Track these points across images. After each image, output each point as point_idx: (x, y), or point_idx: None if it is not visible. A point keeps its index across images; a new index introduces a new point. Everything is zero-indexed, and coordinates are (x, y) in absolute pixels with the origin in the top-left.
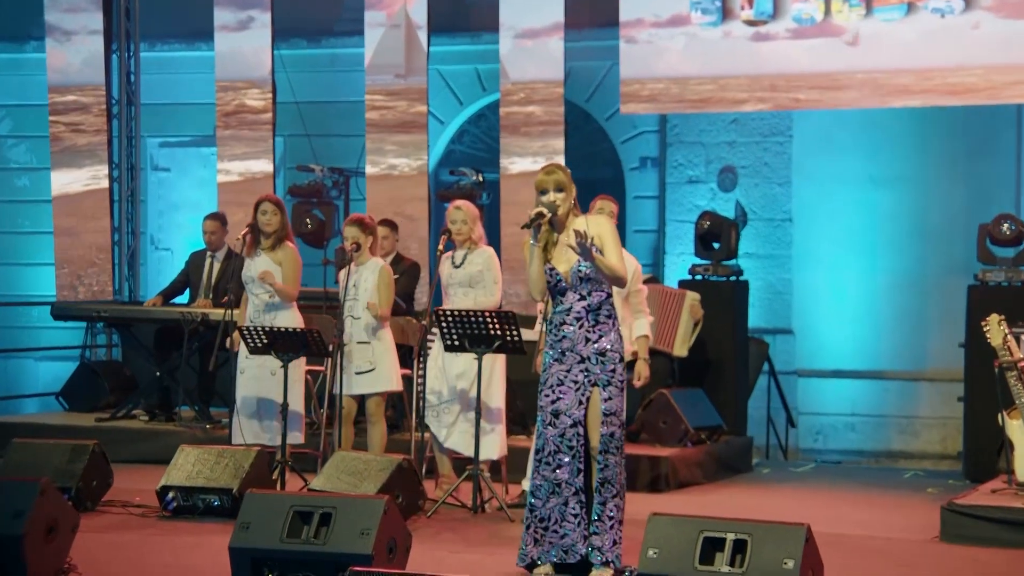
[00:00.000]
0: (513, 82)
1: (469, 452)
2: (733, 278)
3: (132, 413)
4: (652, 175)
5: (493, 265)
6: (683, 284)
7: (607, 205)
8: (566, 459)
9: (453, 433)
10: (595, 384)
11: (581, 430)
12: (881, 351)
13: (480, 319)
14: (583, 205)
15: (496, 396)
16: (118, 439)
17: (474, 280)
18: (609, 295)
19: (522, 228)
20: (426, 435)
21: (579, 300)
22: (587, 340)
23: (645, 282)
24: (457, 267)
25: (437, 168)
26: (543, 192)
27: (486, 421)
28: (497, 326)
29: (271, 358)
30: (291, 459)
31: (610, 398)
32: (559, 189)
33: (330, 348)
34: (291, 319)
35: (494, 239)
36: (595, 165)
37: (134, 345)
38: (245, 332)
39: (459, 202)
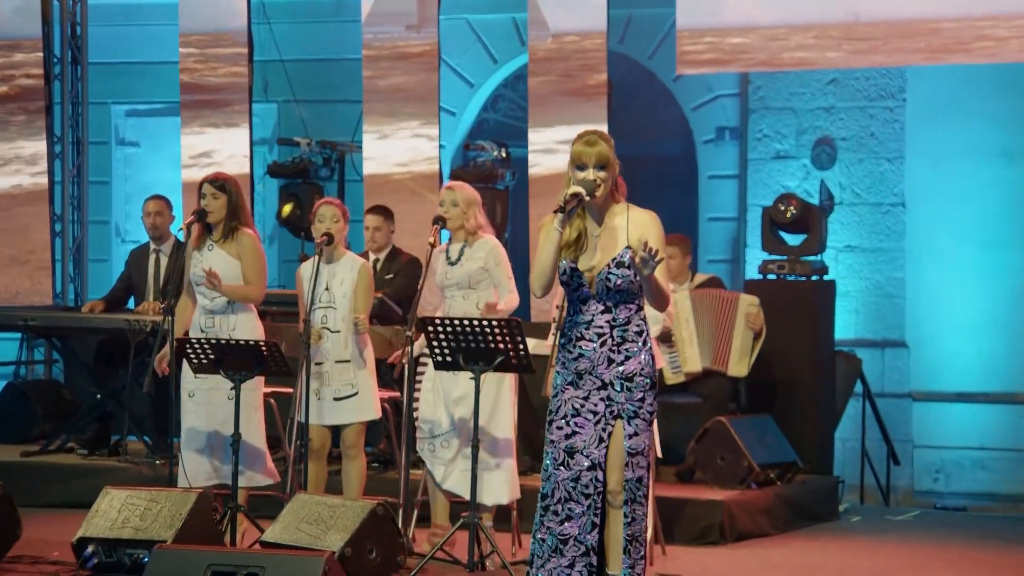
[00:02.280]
0: (554, 34)
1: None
2: (815, 277)
3: (67, 445)
4: (731, 149)
5: (500, 258)
6: (750, 286)
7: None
8: (578, 509)
9: (453, 472)
10: (618, 416)
11: (600, 474)
12: (1018, 369)
13: (477, 329)
14: (641, 188)
15: (503, 424)
16: (48, 477)
17: (475, 279)
18: (641, 307)
19: (555, 212)
20: (419, 473)
21: (603, 312)
22: (610, 361)
23: (703, 284)
24: (453, 264)
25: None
26: (580, 167)
27: (490, 456)
28: (499, 337)
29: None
30: (246, 504)
31: (636, 434)
32: (601, 166)
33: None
34: (251, 328)
35: (522, 229)
36: (660, 137)
37: (74, 361)
38: (187, 345)
39: (452, 182)
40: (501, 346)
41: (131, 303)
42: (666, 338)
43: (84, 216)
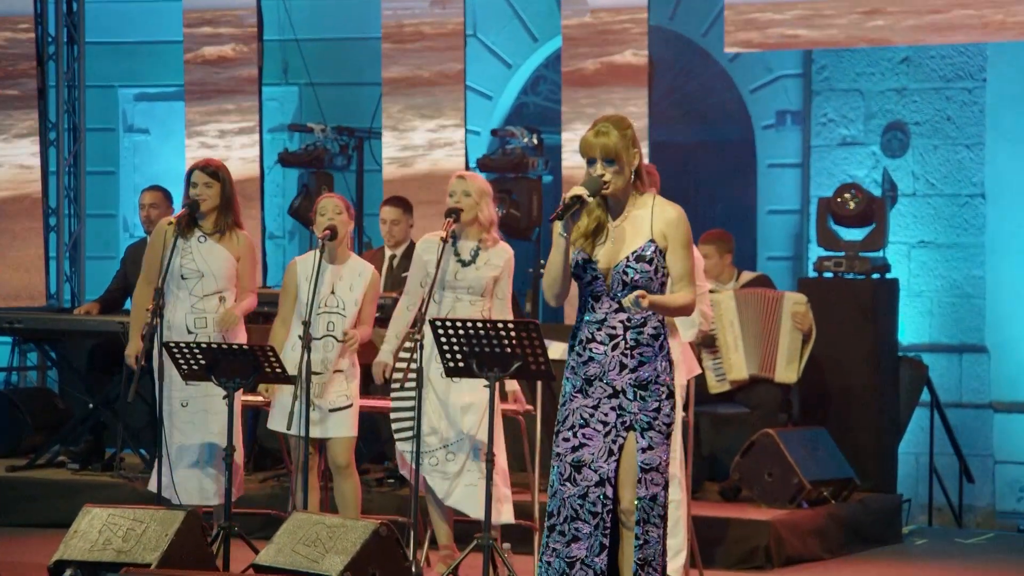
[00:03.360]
0: (591, 9)
1: (480, 514)
2: (877, 275)
3: (57, 459)
4: (793, 135)
5: (511, 272)
6: (803, 285)
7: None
8: (586, 529)
9: (457, 487)
10: (631, 427)
11: (610, 491)
12: None
13: (492, 332)
14: (694, 178)
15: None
16: (34, 494)
17: (488, 288)
18: None
19: (551, 220)
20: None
21: (617, 311)
22: (622, 366)
23: (750, 283)
24: (465, 264)
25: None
26: (589, 161)
27: (497, 471)
28: (515, 341)
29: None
30: (237, 524)
31: (651, 447)
32: (609, 159)
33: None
34: (239, 330)
35: None
36: (715, 122)
37: (66, 367)
38: (175, 349)
39: (462, 171)
40: (518, 351)
41: (128, 304)
42: (709, 343)
43: (81, 209)
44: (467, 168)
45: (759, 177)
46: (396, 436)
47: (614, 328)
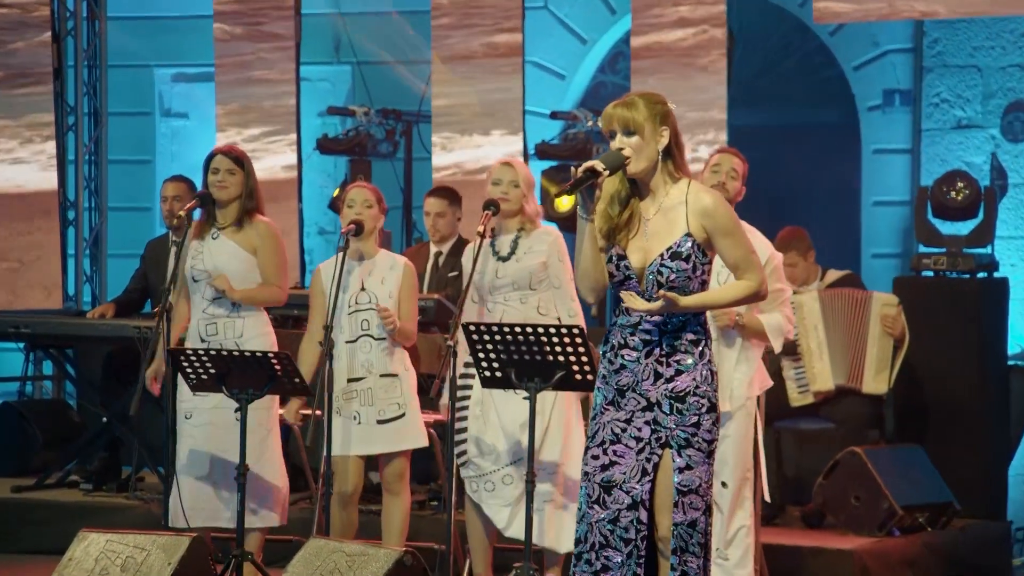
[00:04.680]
0: None
1: (544, 542)
2: (983, 274)
3: (69, 479)
4: (902, 118)
5: (563, 252)
6: (898, 284)
7: (725, 161)
8: (617, 558)
9: (519, 514)
10: (666, 444)
11: (643, 514)
12: None
13: (532, 337)
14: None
15: (573, 454)
16: (42, 518)
17: (536, 278)
18: (701, 311)
19: (555, 195)
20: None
21: (653, 314)
22: (656, 376)
23: (836, 283)
24: (504, 259)
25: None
26: (611, 135)
27: (561, 492)
28: (558, 347)
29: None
30: (260, 551)
31: (690, 467)
32: (629, 131)
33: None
34: (261, 335)
35: None
36: (814, 103)
37: (79, 377)
38: (182, 358)
39: (508, 158)
40: (561, 358)
41: (148, 306)
42: (791, 350)
43: (103, 201)
44: (525, 155)
45: (863, 164)
46: (458, 460)
47: (648, 333)
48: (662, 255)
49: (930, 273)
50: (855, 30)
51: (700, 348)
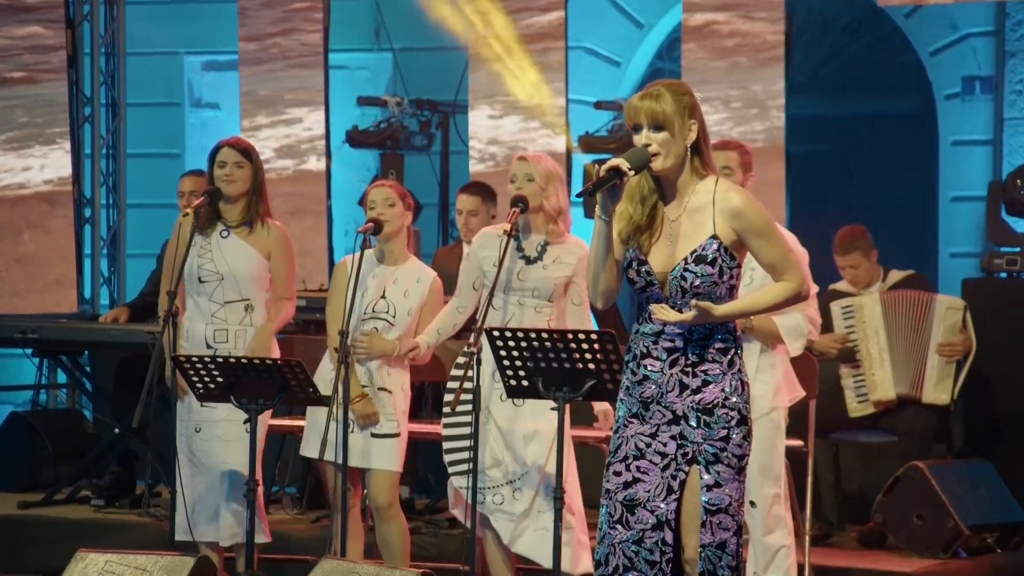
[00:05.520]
0: None
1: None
2: None
3: (79, 494)
4: (983, 106)
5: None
6: (967, 286)
7: (731, 157)
8: None
9: (526, 530)
10: (693, 460)
11: (669, 536)
12: None
13: (562, 343)
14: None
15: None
16: (49, 536)
17: (558, 291)
18: None
19: (578, 195)
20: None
21: (685, 325)
22: (682, 387)
23: (899, 284)
24: (530, 261)
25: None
26: (635, 128)
27: (566, 509)
28: (588, 355)
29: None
30: (264, 572)
31: (719, 484)
32: (657, 126)
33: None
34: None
35: None
36: (888, 91)
37: (95, 386)
38: (186, 365)
39: (526, 152)
40: (592, 366)
41: None
42: (849, 357)
43: (121, 198)
44: (568, 147)
45: (941, 156)
46: (450, 469)
47: (673, 341)
48: (686, 259)
49: (1003, 274)
50: (932, 12)
51: (729, 356)
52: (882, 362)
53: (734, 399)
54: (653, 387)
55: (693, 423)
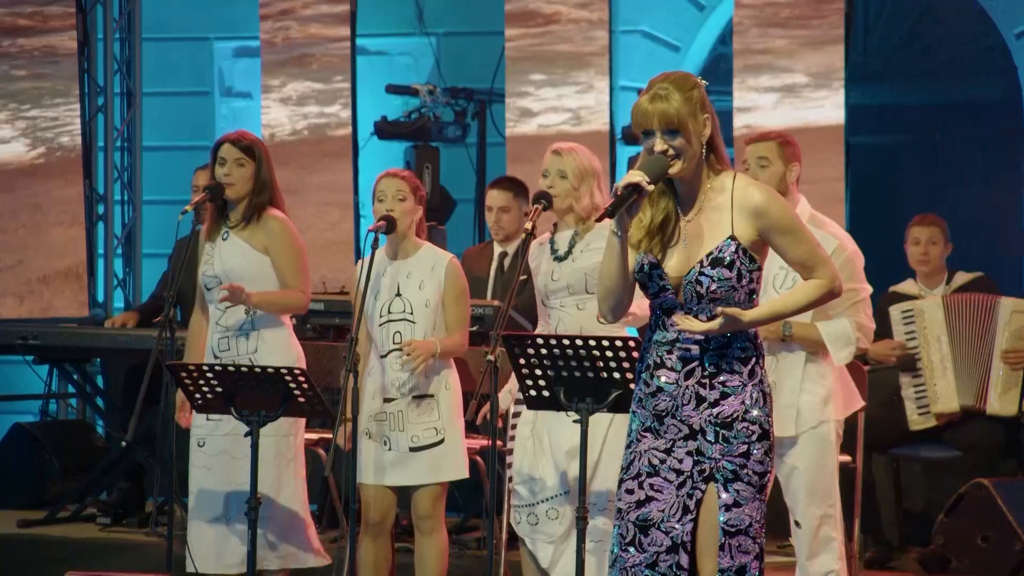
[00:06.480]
0: None
1: None
2: None
3: (85, 512)
4: None
5: None
6: None
7: (749, 152)
8: None
9: (566, 552)
10: (711, 478)
11: (685, 559)
12: None
13: (584, 350)
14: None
15: None
16: (49, 556)
17: (592, 281)
18: None
19: (597, 220)
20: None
21: (711, 335)
22: (699, 399)
23: (964, 287)
24: (561, 259)
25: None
26: (645, 133)
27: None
28: (612, 362)
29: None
30: None
31: (738, 504)
32: (671, 130)
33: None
34: (281, 349)
35: None
36: (969, 77)
37: (105, 396)
38: (183, 374)
39: (561, 144)
40: (617, 375)
41: (179, 314)
42: (910, 365)
43: (137, 195)
44: (612, 138)
45: None
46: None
47: (688, 351)
48: (701, 262)
49: None
50: None
51: (750, 366)
52: (944, 371)
53: (755, 412)
54: (667, 400)
55: (711, 438)
